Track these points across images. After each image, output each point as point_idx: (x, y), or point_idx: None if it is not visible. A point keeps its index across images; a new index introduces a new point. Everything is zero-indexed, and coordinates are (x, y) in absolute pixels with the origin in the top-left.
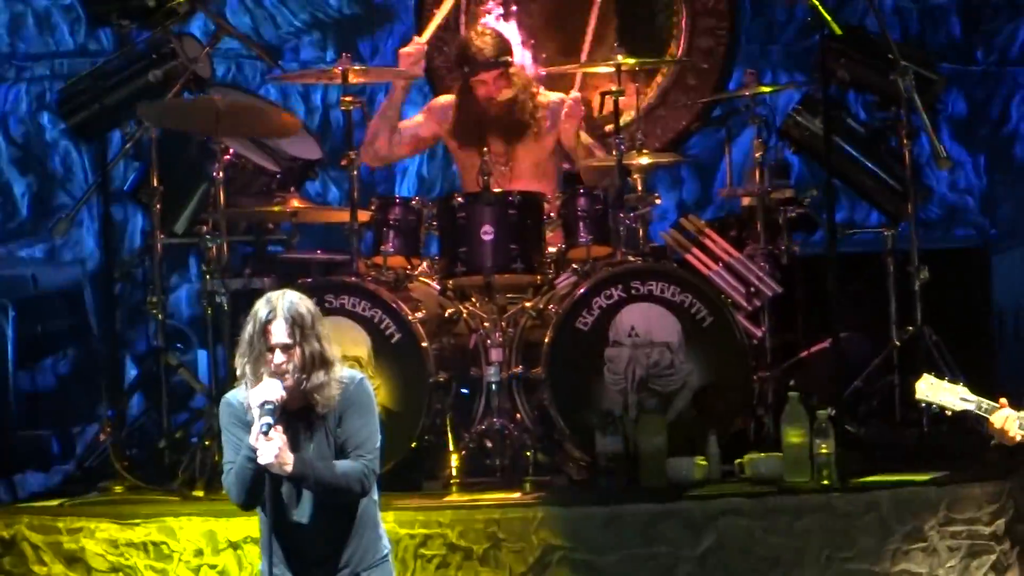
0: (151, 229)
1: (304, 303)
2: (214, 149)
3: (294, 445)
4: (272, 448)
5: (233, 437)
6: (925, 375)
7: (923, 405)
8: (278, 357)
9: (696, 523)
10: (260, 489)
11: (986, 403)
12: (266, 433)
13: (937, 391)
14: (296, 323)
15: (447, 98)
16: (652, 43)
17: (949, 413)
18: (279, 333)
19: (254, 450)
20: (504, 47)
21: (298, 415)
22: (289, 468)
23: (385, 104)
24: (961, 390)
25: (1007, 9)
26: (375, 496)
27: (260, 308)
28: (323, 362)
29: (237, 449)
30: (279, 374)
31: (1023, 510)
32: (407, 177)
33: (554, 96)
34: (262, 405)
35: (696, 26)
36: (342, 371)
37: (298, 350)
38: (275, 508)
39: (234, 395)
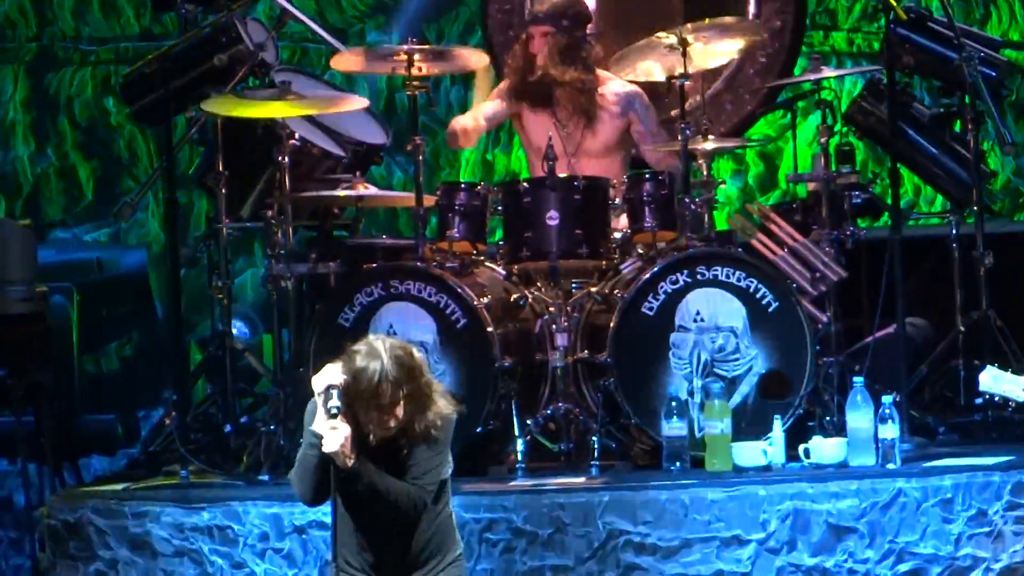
0: (216, 214)
1: (407, 351)
2: (279, 134)
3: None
4: (338, 437)
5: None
6: (988, 367)
7: (987, 396)
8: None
9: (761, 507)
10: (323, 481)
11: None
12: (335, 416)
13: (1000, 382)
14: (402, 380)
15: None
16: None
17: (1013, 405)
18: (387, 393)
19: (318, 437)
20: (558, 11)
21: (383, 448)
22: (351, 462)
23: (474, 117)
24: None
25: None
26: (450, 507)
27: (366, 364)
28: (425, 408)
29: None
30: (386, 429)
31: None
32: (472, 162)
33: (628, 87)
34: (326, 390)
35: (762, 10)
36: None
37: (403, 402)
38: (351, 503)
39: None
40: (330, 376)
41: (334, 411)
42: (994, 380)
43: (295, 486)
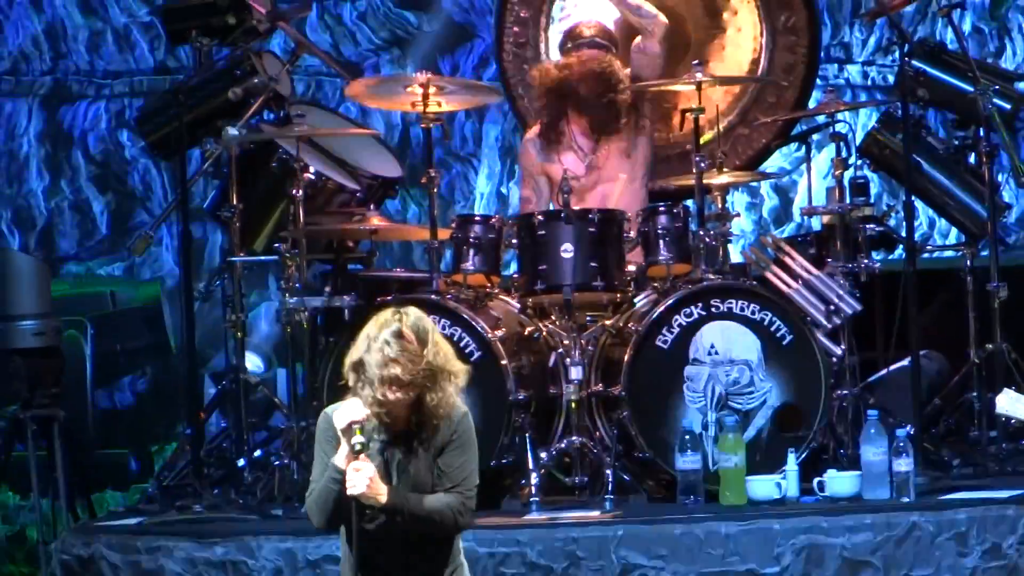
0: (230, 247)
1: (424, 324)
2: (293, 167)
3: (392, 469)
4: (362, 479)
5: (324, 455)
6: (1006, 389)
7: (1003, 419)
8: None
9: (775, 541)
10: (343, 514)
11: None
12: (357, 454)
13: (1016, 405)
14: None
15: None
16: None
17: None
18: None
19: (340, 471)
20: (608, 37)
21: (402, 437)
22: (383, 500)
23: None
24: None
25: None
26: None
27: (383, 337)
28: (439, 387)
29: (325, 468)
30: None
31: None
32: (487, 196)
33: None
34: (349, 426)
35: (776, 43)
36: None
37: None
38: (362, 534)
39: (333, 409)
40: (352, 412)
41: (358, 447)
42: (1011, 402)
43: (311, 513)
